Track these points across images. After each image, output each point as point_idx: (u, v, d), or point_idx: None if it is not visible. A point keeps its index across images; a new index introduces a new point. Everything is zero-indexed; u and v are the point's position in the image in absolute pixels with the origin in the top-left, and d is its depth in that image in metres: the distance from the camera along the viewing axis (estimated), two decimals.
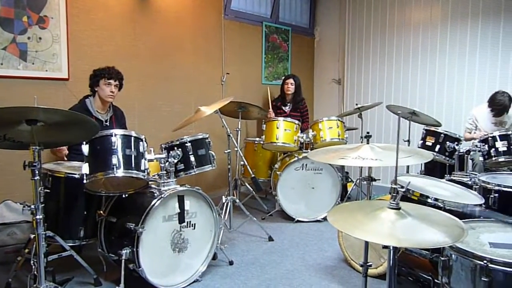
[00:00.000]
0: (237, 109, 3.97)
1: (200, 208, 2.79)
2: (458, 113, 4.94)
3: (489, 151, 3.54)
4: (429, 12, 5.17)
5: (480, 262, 1.49)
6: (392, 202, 1.37)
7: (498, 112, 4.00)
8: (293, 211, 4.10)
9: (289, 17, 6.00)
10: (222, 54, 4.92)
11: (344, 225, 1.33)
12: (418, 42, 5.27)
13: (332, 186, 4.12)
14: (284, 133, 4.03)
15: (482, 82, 4.68)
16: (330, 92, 6.27)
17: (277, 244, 3.56)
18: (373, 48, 5.71)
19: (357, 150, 1.75)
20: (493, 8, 4.62)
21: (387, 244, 1.30)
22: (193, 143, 2.95)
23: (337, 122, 4.13)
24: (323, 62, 6.36)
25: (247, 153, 4.63)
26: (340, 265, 3.11)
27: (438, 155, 3.70)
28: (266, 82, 5.57)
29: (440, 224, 1.39)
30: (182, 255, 2.69)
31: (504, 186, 2.36)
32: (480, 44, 4.76)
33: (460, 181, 3.03)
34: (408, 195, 2.19)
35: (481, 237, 1.71)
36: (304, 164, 4.05)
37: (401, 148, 1.83)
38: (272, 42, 5.66)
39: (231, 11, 5.02)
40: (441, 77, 5.10)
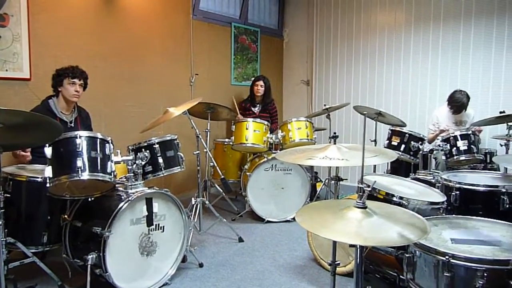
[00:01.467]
0: (206, 110, 3.94)
1: (169, 211, 2.76)
2: (422, 114, 5.10)
3: (451, 150, 3.68)
4: (393, 16, 5.32)
5: (443, 257, 1.54)
6: (358, 201, 1.40)
7: (456, 109, 4.17)
8: (263, 212, 4.11)
9: (258, 18, 6.02)
10: (190, 54, 4.88)
11: (311, 225, 1.35)
12: (384, 45, 5.41)
13: (302, 186, 4.16)
14: (253, 134, 4.04)
15: (444, 83, 4.85)
16: (299, 93, 6.34)
17: (247, 245, 3.56)
18: (340, 50, 5.82)
19: (324, 150, 1.78)
20: (454, 13, 4.81)
21: (353, 243, 1.33)
22: (161, 145, 2.91)
23: (306, 123, 4.18)
24: (292, 63, 6.42)
25: (216, 154, 4.61)
26: (310, 264, 3.14)
27: (403, 154, 3.81)
28: (235, 83, 5.57)
29: (404, 222, 1.43)
30: (151, 258, 2.65)
31: (464, 184, 2.45)
32: (442, 46, 4.94)
33: (424, 180, 3.14)
34: (375, 194, 2.24)
35: (443, 234, 1.77)
36: (273, 164, 4.07)
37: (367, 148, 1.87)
38: (241, 43, 5.67)
39: (199, 11, 4.99)
40: (406, 78, 5.26)
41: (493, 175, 2.81)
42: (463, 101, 4.11)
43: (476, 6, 4.65)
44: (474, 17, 4.68)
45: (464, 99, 4.11)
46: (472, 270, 1.51)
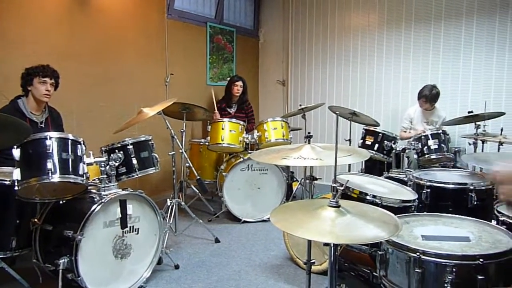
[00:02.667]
0: (182, 110, 3.90)
1: (143, 212, 2.72)
2: (395, 113, 5.22)
3: (422, 149, 3.77)
4: (367, 19, 5.42)
5: (414, 254, 1.58)
6: (332, 200, 1.41)
7: (427, 99, 4.29)
8: (239, 212, 4.11)
9: (234, 18, 6.01)
10: (165, 54, 4.82)
11: (286, 225, 1.36)
12: (358, 46, 5.50)
13: (278, 186, 4.18)
14: (229, 134, 4.03)
15: (415, 84, 4.96)
16: (274, 93, 6.37)
17: (224, 246, 3.55)
18: (315, 50, 5.88)
19: (298, 150, 1.79)
20: (424, 16, 4.94)
21: (327, 241, 1.34)
22: (136, 146, 2.86)
23: (282, 123, 4.20)
24: (267, 64, 6.44)
25: (192, 155, 4.58)
26: (286, 264, 3.16)
27: (377, 153, 3.88)
28: (211, 83, 5.54)
29: (376, 220, 1.46)
30: (125, 261, 2.60)
31: (435, 182, 2.52)
32: (413, 48, 5.06)
33: (397, 178, 3.21)
34: (348, 193, 2.28)
35: (414, 231, 1.81)
36: (249, 164, 4.07)
37: (341, 148, 1.89)
38: (217, 43, 5.64)
39: (174, 10, 4.94)
40: (379, 79, 5.36)
41: (461, 173, 2.89)
42: (433, 93, 4.26)
43: (446, 10, 4.79)
44: (444, 20, 4.81)
45: (434, 91, 4.27)
46: (441, 265, 1.55)
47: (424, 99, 4.31)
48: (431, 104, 4.35)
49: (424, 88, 4.32)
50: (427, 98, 4.29)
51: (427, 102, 4.33)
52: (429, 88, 4.29)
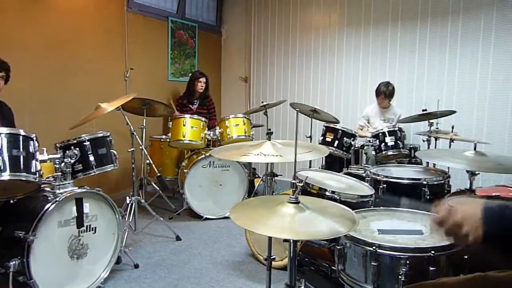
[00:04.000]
0: (142, 106, 3.81)
1: (101, 211, 2.64)
2: (354, 111, 5.35)
3: (379, 146, 3.89)
4: (328, 18, 5.52)
5: (370, 248, 1.63)
6: (291, 196, 1.43)
7: (385, 96, 4.43)
8: (201, 209, 4.08)
9: (196, 14, 5.94)
10: (125, 48, 4.69)
11: (245, 222, 1.36)
12: (319, 44, 5.59)
13: (240, 182, 4.18)
14: (191, 130, 3.99)
15: (374, 82, 5.09)
16: (237, 90, 6.36)
17: (185, 243, 3.51)
18: (277, 48, 5.92)
19: (259, 147, 1.80)
20: (382, 17, 5.09)
21: (287, 237, 1.36)
22: (93, 142, 2.78)
23: (244, 120, 4.21)
24: (230, 60, 6.42)
25: (153, 151, 4.50)
26: (248, 260, 3.18)
27: (337, 150, 3.97)
28: (172, 78, 5.46)
29: (335, 216, 1.48)
30: (82, 261, 2.52)
31: (390, 177, 2.61)
32: (372, 48, 5.20)
33: (356, 174, 3.30)
34: (308, 189, 2.31)
35: (371, 225, 1.86)
36: (211, 161, 4.05)
37: (301, 144, 1.92)
38: (179, 38, 5.56)
39: (134, 3, 4.81)
40: (339, 77, 5.48)
41: (416, 169, 3.01)
42: (389, 89, 4.41)
43: (402, 12, 4.96)
44: (400, 22, 4.98)
45: (390, 87, 4.42)
46: (396, 258, 1.60)
47: (383, 96, 4.44)
48: (389, 100, 4.50)
49: (380, 85, 4.46)
50: (385, 94, 4.43)
51: (385, 98, 4.47)
52: (385, 84, 4.44)
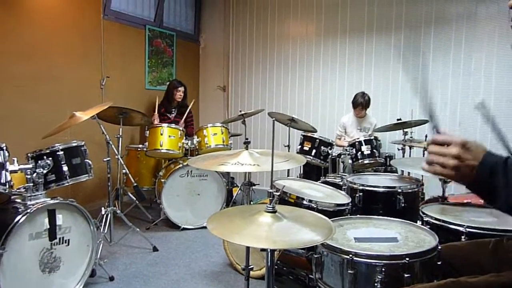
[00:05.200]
0: (118, 114, 3.76)
1: (74, 222, 2.57)
2: (331, 120, 5.42)
3: (356, 154, 3.95)
4: (305, 28, 5.60)
5: (347, 256, 1.64)
6: (268, 205, 1.43)
7: (363, 107, 4.50)
8: (178, 219, 4.03)
9: (174, 22, 5.93)
10: (101, 56, 4.63)
11: (222, 232, 1.35)
12: (296, 54, 5.66)
13: (218, 192, 4.16)
14: (168, 139, 3.95)
15: (350, 92, 5.18)
16: (215, 99, 6.36)
17: (162, 254, 3.46)
18: (255, 57, 5.96)
19: (236, 156, 1.80)
20: (358, 28, 5.21)
21: (264, 247, 1.35)
22: (66, 152, 2.72)
23: (222, 129, 4.20)
24: (208, 69, 6.42)
25: (129, 161, 4.43)
26: (226, 270, 3.15)
27: (314, 158, 4.01)
28: (149, 87, 5.41)
29: (312, 224, 1.49)
30: (54, 275, 2.45)
31: (367, 186, 2.65)
32: (348, 58, 5.31)
33: (333, 182, 3.33)
34: (286, 198, 2.32)
35: (347, 233, 1.88)
36: (189, 170, 4.02)
37: (278, 154, 1.93)
38: (156, 46, 5.53)
39: (111, 11, 4.76)
40: (316, 87, 5.55)
41: (391, 177, 3.07)
42: (365, 99, 4.50)
43: (377, 23, 5.08)
44: (375, 33, 5.10)
45: (366, 97, 4.50)
46: (372, 266, 1.62)
47: (361, 107, 4.51)
48: (365, 110, 4.58)
49: (356, 96, 4.53)
50: (363, 105, 4.50)
51: (363, 109, 4.54)
52: (361, 95, 4.52)
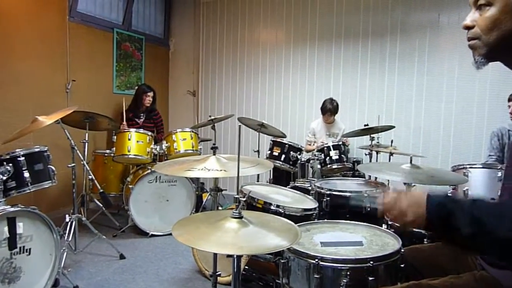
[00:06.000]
0: (84, 119, 3.67)
1: (36, 230, 2.49)
2: (300, 125, 5.48)
3: (325, 159, 4.00)
4: (275, 35, 5.66)
5: (313, 261, 1.65)
6: (234, 211, 1.43)
7: (331, 113, 4.58)
8: (147, 226, 3.96)
9: (143, 26, 5.85)
10: (67, 59, 4.51)
11: (188, 238, 1.33)
12: (266, 60, 5.70)
13: (187, 198, 4.12)
14: (136, 144, 3.89)
15: (319, 98, 5.27)
16: (185, 104, 6.31)
17: (129, 262, 3.39)
18: (226, 63, 5.97)
19: (203, 161, 1.79)
20: (326, 35, 5.30)
21: (229, 253, 1.35)
22: (28, 157, 2.63)
23: (191, 134, 4.18)
24: (178, 74, 6.37)
25: (96, 167, 4.33)
26: (195, 277, 3.12)
27: (284, 164, 4.03)
28: (117, 91, 5.31)
29: (278, 229, 1.50)
30: (14, 286, 2.36)
31: (334, 190, 2.69)
32: (317, 64, 5.40)
33: (302, 187, 3.36)
34: (254, 203, 2.32)
35: (314, 238, 1.90)
36: (157, 176, 3.96)
37: (245, 159, 1.93)
38: (124, 50, 5.44)
39: (77, 13, 4.66)
40: (286, 92, 5.61)
41: (358, 182, 3.13)
42: (334, 105, 4.57)
43: (345, 31, 5.20)
44: (343, 40, 5.21)
45: (334, 103, 4.58)
46: (338, 270, 1.64)
47: (329, 113, 4.59)
48: (334, 115, 4.66)
49: (325, 102, 4.61)
50: (331, 111, 4.58)
51: (331, 115, 4.62)
52: (329, 101, 4.59)
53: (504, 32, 1.09)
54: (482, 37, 1.12)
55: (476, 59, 1.16)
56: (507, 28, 1.08)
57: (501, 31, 1.09)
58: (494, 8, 1.09)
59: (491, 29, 1.10)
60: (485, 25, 1.11)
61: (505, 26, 1.08)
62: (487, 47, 1.12)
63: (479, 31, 1.13)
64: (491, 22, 1.10)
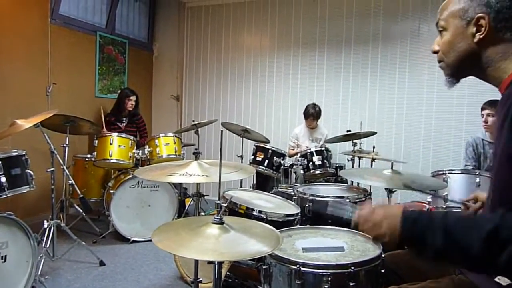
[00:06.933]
0: (65, 123, 3.61)
1: (13, 237, 2.43)
2: (284, 131, 5.50)
3: (308, 165, 4.03)
4: (259, 41, 5.68)
5: (294, 266, 1.65)
6: (216, 217, 1.42)
7: (314, 117, 4.61)
8: (128, 231, 3.90)
9: (126, 30, 5.81)
10: (48, 61, 4.44)
11: (168, 244, 1.32)
12: (250, 66, 5.72)
13: (169, 203, 4.08)
14: (118, 149, 3.85)
15: (302, 104, 5.30)
16: (169, 108, 6.27)
17: (109, 269, 3.33)
18: (210, 67, 5.96)
19: (185, 166, 1.77)
20: (309, 42, 5.36)
21: (210, 259, 1.34)
22: (5, 161, 2.57)
23: (174, 138, 4.15)
24: (162, 78, 6.33)
25: (76, 171, 4.26)
26: (177, 283, 3.09)
27: (267, 169, 4.04)
28: (100, 95, 5.24)
29: (259, 235, 1.50)
30: None
31: (316, 196, 2.70)
32: (301, 70, 5.44)
33: (285, 192, 3.37)
34: (236, 209, 2.31)
35: (296, 244, 1.90)
36: (139, 181, 3.91)
37: (227, 164, 1.93)
38: (107, 53, 5.38)
39: (59, 15, 4.59)
40: (270, 98, 5.63)
41: (340, 187, 3.15)
42: (316, 110, 4.62)
43: (328, 38, 5.26)
44: (327, 47, 5.27)
45: (316, 108, 4.63)
46: (319, 275, 1.64)
47: (312, 118, 4.63)
48: (317, 121, 4.70)
49: (308, 108, 4.64)
50: (314, 116, 4.62)
51: (314, 120, 4.66)
52: (312, 106, 4.63)
53: (459, 52, 1.18)
54: (445, 59, 1.23)
55: (446, 79, 1.26)
56: (461, 49, 1.18)
57: (457, 52, 1.19)
58: (448, 32, 1.20)
59: (449, 51, 1.21)
60: (444, 48, 1.22)
61: (459, 47, 1.18)
62: (450, 68, 1.23)
63: (442, 54, 1.24)
64: (447, 45, 1.21)
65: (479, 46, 1.15)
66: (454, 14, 1.18)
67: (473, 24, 1.14)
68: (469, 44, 1.16)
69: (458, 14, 1.17)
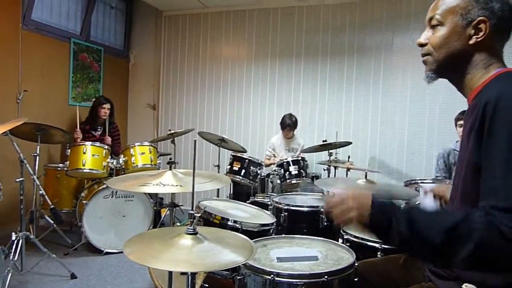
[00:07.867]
0: (35, 131, 3.52)
1: None
2: (261, 140, 5.52)
3: (284, 174, 4.04)
4: (237, 51, 5.71)
5: (268, 276, 1.64)
6: (189, 227, 1.40)
7: (291, 128, 4.65)
8: (101, 243, 3.81)
9: (102, 37, 5.73)
10: (18, 68, 4.33)
11: (140, 256, 1.29)
12: (228, 75, 5.73)
13: (144, 213, 4.01)
14: (91, 158, 3.77)
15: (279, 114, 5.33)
16: (145, 117, 6.20)
17: (81, 282, 3.23)
18: (187, 77, 5.94)
19: (159, 176, 1.75)
20: (287, 53, 5.42)
21: (183, 270, 1.32)
22: None
23: (150, 148, 4.10)
24: (138, 86, 6.26)
25: (48, 181, 4.14)
26: None
27: (244, 179, 4.03)
28: (73, 103, 5.13)
29: (233, 245, 1.49)
30: None
31: (292, 205, 2.71)
32: (278, 81, 5.49)
33: (262, 202, 3.37)
34: (211, 219, 2.29)
35: (270, 253, 1.89)
36: (114, 191, 3.84)
37: (202, 174, 1.92)
38: (82, 61, 5.29)
39: (31, 21, 4.49)
40: (247, 107, 5.64)
41: (316, 197, 3.17)
42: (292, 120, 4.66)
43: (305, 49, 5.34)
44: (304, 58, 5.34)
45: (293, 119, 4.67)
46: (293, 285, 1.64)
47: (288, 128, 4.66)
48: (293, 131, 4.74)
49: (284, 118, 4.68)
50: (290, 126, 4.66)
51: (291, 130, 4.69)
52: (288, 116, 4.67)
53: (452, 50, 1.20)
54: (433, 54, 1.23)
55: (427, 74, 1.27)
56: (455, 47, 1.19)
57: (449, 49, 1.20)
58: (445, 28, 1.20)
59: (441, 47, 1.21)
60: (436, 42, 1.22)
61: (453, 45, 1.19)
62: (437, 63, 1.23)
63: (431, 48, 1.24)
64: (441, 40, 1.21)
65: (472, 49, 1.18)
66: (454, 11, 1.18)
67: (472, 26, 1.16)
68: (463, 45, 1.18)
69: (459, 12, 1.17)
